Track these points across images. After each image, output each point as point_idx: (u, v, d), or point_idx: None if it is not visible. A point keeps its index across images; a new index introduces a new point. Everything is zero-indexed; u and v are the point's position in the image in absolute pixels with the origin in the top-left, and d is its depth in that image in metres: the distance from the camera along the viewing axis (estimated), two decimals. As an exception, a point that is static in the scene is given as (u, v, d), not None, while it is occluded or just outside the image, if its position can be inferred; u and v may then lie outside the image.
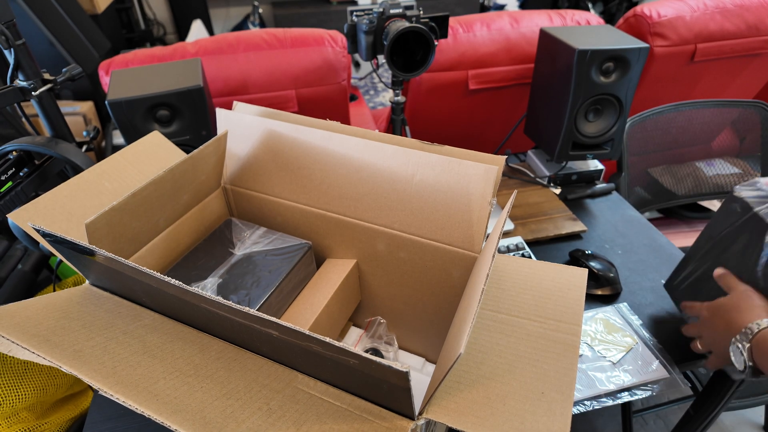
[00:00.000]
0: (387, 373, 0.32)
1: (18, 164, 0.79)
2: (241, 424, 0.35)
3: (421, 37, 0.88)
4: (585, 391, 0.67)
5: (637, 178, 1.28)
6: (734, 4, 1.27)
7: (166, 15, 3.54)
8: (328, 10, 3.53)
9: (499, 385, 0.39)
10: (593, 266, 0.85)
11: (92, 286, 0.50)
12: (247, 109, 0.65)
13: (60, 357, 0.39)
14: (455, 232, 0.54)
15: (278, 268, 0.59)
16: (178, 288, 0.37)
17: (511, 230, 0.98)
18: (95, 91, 1.98)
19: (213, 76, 1.12)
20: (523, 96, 1.33)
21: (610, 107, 1.03)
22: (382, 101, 3.08)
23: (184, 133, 0.85)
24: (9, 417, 0.77)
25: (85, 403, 0.91)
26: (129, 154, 0.60)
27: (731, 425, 1.33)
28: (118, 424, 0.65)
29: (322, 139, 0.58)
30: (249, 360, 0.42)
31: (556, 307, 0.47)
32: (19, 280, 0.94)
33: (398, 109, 1.06)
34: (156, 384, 0.38)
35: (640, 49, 0.95)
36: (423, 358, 0.70)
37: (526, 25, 1.28)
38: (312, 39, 1.18)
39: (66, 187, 0.54)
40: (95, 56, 2.02)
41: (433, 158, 0.53)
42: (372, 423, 0.36)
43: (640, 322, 0.77)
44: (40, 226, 0.41)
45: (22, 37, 0.76)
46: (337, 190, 0.60)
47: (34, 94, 0.79)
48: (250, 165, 0.64)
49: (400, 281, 0.63)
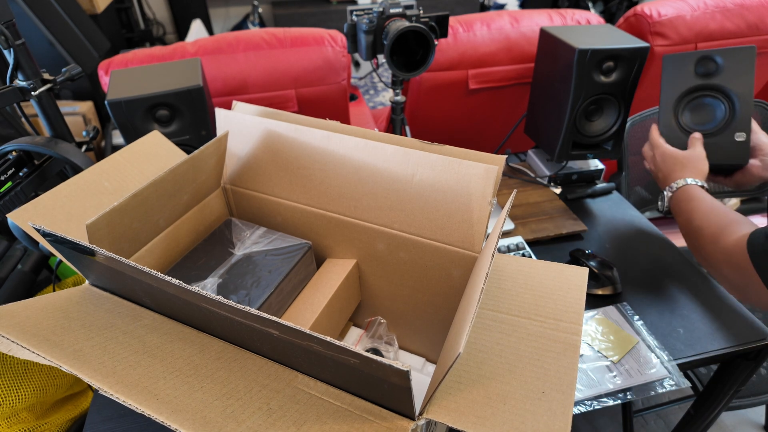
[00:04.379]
0: (387, 372, 0.32)
1: (17, 164, 0.79)
2: (241, 424, 0.35)
3: (421, 37, 0.88)
4: (586, 390, 0.67)
5: (637, 178, 1.28)
6: (735, 3, 1.27)
7: (165, 15, 3.54)
8: (328, 10, 3.53)
9: (499, 384, 0.39)
10: (594, 266, 0.85)
11: (92, 286, 0.50)
12: (246, 108, 0.65)
13: (60, 357, 0.39)
14: (455, 232, 0.54)
15: (278, 268, 0.59)
16: (179, 287, 0.37)
17: (511, 230, 0.98)
18: (95, 91, 1.98)
19: (213, 76, 1.12)
20: (523, 95, 1.33)
21: (610, 107, 1.03)
22: (382, 101, 3.08)
23: (184, 132, 0.84)
24: (9, 417, 0.77)
25: (84, 403, 0.91)
26: (128, 153, 0.60)
27: (732, 425, 1.33)
28: (117, 425, 0.65)
29: (322, 139, 0.58)
30: (249, 360, 0.42)
31: (557, 306, 0.47)
32: (18, 280, 0.94)
33: (398, 109, 1.06)
34: (156, 384, 0.38)
35: (640, 48, 0.95)
36: (423, 358, 0.70)
37: (526, 24, 1.28)
38: (312, 39, 1.18)
39: (66, 187, 0.54)
40: (95, 56, 2.02)
41: (433, 158, 0.53)
42: (372, 423, 0.36)
43: (640, 322, 0.77)
44: (40, 226, 0.41)
45: (22, 37, 0.76)
46: (337, 190, 0.60)
47: (34, 94, 0.79)
48: (249, 165, 0.64)
49: (400, 281, 0.63)
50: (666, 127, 0.92)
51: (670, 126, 0.92)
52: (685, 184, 0.81)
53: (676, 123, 0.92)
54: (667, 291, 0.85)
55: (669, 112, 0.91)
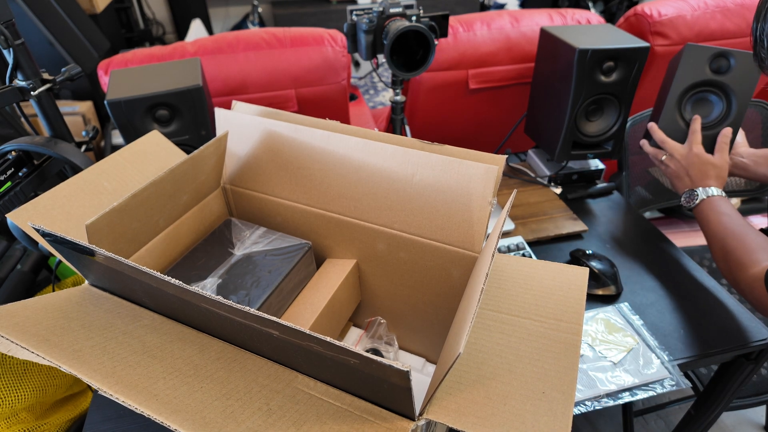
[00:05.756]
0: (388, 372, 0.32)
1: (17, 164, 0.79)
2: (240, 424, 0.35)
3: (422, 37, 0.88)
4: (586, 391, 0.67)
5: (637, 178, 1.28)
6: (735, 3, 1.27)
7: (165, 14, 3.54)
8: (328, 10, 3.53)
9: (499, 384, 0.39)
10: (594, 266, 0.85)
11: (91, 286, 0.50)
12: (246, 108, 0.65)
13: (59, 357, 0.39)
14: (455, 232, 0.54)
15: (278, 268, 0.59)
16: (178, 287, 0.37)
17: (511, 230, 0.98)
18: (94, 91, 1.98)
19: (212, 76, 1.12)
20: (523, 95, 1.33)
21: (610, 106, 1.03)
22: (382, 101, 3.08)
23: (184, 132, 0.84)
24: (8, 417, 0.77)
25: (84, 403, 0.91)
26: (128, 153, 0.60)
27: (732, 425, 1.33)
28: (117, 425, 0.64)
29: (322, 139, 0.58)
30: (249, 360, 0.42)
31: (557, 306, 0.47)
32: (18, 280, 0.94)
33: (398, 109, 1.06)
34: (156, 384, 0.37)
35: (640, 48, 0.95)
36: (423, 358, 0.70)
37: (526, 24, 1.28)
38: (312, 38, 1.18)
39: (65, 186, 0.54)
40: (94, 56, 2.02)
41: (433, 158, 0.53)
42: (372, 423, 0.36)
43: (641, 322, 0.77)
44: (40, 226, 0.41)
45: (21, 37, 0.76)
46: (337, 190, 0.60)
47: (33, 94, 0.79)
48: (249, 165, 0.64)
49: (400, 281, 0.63)
50: (668, 117, 0.93)
51: (672, 116, 0.93)
52: (716, 194, 0.84)
53: (678, 114, 0.93)
54: (667, 291, 0.85)
55: (675, 101, 0.93)
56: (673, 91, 0.92)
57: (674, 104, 0.93)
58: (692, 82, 0.91)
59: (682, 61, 0.90)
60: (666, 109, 0.93)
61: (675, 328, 0.78)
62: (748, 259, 0.74)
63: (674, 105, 0.93)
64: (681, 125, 0.93)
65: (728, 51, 0.89)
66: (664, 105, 0.93)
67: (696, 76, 0.91)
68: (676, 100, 0.92)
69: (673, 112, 0.93)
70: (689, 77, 0.91)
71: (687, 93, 0.92)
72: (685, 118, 0.93)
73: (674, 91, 0.92)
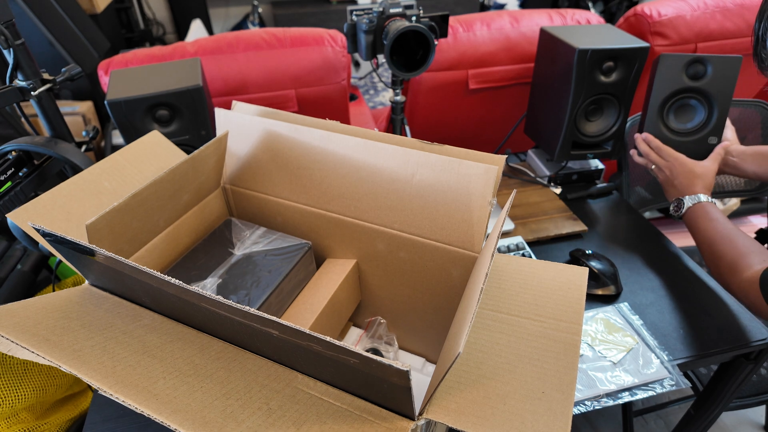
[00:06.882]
0: (387, 372, 0.32)
1: (17, 164, 0.79)
2: (240, 424, 0.35)
3: (421, 37, 0.88)
4: (585, 391, 0.67)
5: (637, 178, 1.28)
6: (735, 3, 1.27)
7: (165, 14, 3.54)
8: (328, 10, 3.53)
9: (499, 384, 0.39)
10: (594, 266, 0.85)
11: (92, 286, 0.50)
12: (246, 108, 0.65)
13: (59, 356, 0.39)
14: (455, 232, 0.54)
15: (278, 268, 0.59)
16: (178, 287, 0.37)
17: (511, 230, 0.98)
18: (94, 91, 1.98)
19: (212, 76, 1.12)
20: (523, 95, 1.33)
21: (610, 106, 1.03)
22: (382, 101, 3.08)
23: (184, 132, 0.84)
24: (8, 417, 0.77)
25: (84, 403, 0.91)
26: (128, 153, 0.60)
27: (732, 425, 1.33)
28: (117, 425, 0.64)
29: (322, 139, 0.58)
30: (249, 360, 0.42)
31: (557, 306, 0.47)
32: (18, 280, 0.94)
33: (398, 109, 1.06)
34: (156, 384, 0.38)
35: (640, 48, 0.95)
36: (423, 358, 0.70)
37: (526, 24, 1.28)
38: (312, 38, 1.18)
39: (65, 186, 0.54)
40: (94, 56, 2.02)
41: (433, 158, 0.53)
42: (372, 423, 0.36)
43: (640, 322, 0.77)
44: (40, 226, 0.41)
45: (22, 37, 0.76)
46: (337, 190, 0.60)
47: (34, 94, 0.79)
48: (249, 165, 0.64)
49: (400, 281, 0.63)
50: (651, 126, 0.95)
51: (656, 125, 0.95)
52: (703, 201, 0.86)
53: (661, 122, 0.95)
54: (667, 291, 0.85)
55: (656, 111, 0.94)
56: (653, 102, 0.94)
57: (656, 114, 0.94)
58: (671, 91, 0.93)
59: (658, 71, 0.92)
60: (648, 119, 0.95)
61: (675, 328, 0.78)
62: (741, 263, 0.75)
63: (656, 114, 0.94)
64: (666, 134, 0.94)
65: (703, 57, 0.90)
66: (646, 115, 0.95)
67: (674, 84, 0.92)
68: (657, 109, 0.94)
69: (656, 121, 0.95)
70: (667, 86, 0.92)
71: (667, 101, 0.94)
72: (669, 126, 0.95)
73: (654, 102, 0.93)
